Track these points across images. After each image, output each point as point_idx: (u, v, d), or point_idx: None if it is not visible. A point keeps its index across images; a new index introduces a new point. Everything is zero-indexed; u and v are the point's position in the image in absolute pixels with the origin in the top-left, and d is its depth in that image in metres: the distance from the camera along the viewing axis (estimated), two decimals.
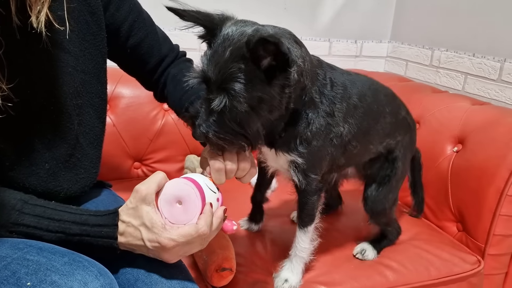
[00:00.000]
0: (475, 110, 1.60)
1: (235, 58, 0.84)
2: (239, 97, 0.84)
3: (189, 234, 0.80)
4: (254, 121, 0.90)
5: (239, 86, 0.84)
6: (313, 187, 1.12)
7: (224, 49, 0.85)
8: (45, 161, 0.90)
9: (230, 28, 0.89)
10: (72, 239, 0.81)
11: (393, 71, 2.37)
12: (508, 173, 1.35)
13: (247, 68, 0.84)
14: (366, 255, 1.34)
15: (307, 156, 1.06)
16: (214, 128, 0.88)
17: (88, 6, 0.96)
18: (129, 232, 0.81)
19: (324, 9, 2.18)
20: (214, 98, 0.85)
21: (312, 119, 1.04)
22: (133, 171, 1.76)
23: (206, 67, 0.87)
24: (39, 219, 0.80)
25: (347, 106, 1.11)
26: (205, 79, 0.88)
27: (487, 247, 1.41)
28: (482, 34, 1.84)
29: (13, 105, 0.79)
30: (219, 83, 0.85)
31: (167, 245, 0.79)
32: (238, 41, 0.85)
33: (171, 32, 1.93)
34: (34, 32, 0.79)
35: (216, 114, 0.87)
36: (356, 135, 1.16)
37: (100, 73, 1.02)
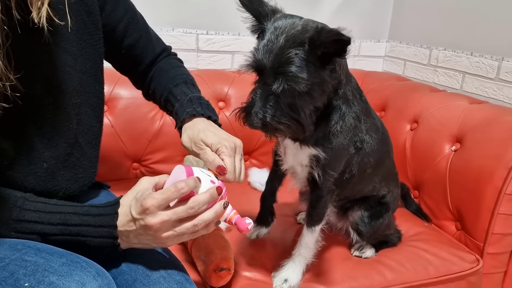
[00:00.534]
0: (473, 109, 1.60)
1: (291, 44, 0.89)
2: (297, 78, 0.89)
3: (168, 190, 0.77)
4: (307, 104, 0.95)
5: (295, 68, 0.89)
6: (328, 185, 1.14)
7: (277, 37, 0.91)
8: (44, 160, 0.90)
9: (281, 20, 0.94)
10: (72, 230, 0.81)
11: (391, 71, 2.37)
12: (506, 172, 1.35)
13: (303, 53, 0.89)
14: (363, 251, 1.35)
15: (330, 151, 1.08)
16: (271, 113, 0.92)
17: (85, 6, 0.96)
18: (122, 211, 0.81)
19: (322, 9, 2.18)
20: (272, 83, 0.90)
21: (345, 114, 1.08)
22: (131, 171, 1.76)
23: (260, 56, 0.91)
24: (40, 213, 0.81)
25: (370, 123, 1.19)
26: (259, 67, 0.93)
27: (486, 246, 1.41)
28: (480, 33, 1.84)
29: (13, 104, 0.79)
30: (275, 68, 0.90)
31: (149, 208, 0.77)
32: (292, 29, 0.91)
33: (168, 32, 1.95)
34: (35, 28, 0.79)
35: (271, 100, 0.92)
36: (373, 154, 1.21)
37: (97, 72, 1.02)
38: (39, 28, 0.80)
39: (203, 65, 2.02)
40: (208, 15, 1.96)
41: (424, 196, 1.65)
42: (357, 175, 1.20)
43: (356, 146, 1.15)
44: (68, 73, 0.92)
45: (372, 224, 1.31)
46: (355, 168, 1.19)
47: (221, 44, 2.03)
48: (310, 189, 1.18)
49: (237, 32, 2.02)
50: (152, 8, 1.87)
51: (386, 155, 1.32)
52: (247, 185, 1.77)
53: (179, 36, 1.95)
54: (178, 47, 1.95)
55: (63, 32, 0.89)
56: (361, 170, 1.21)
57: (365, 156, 1.19)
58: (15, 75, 0.77)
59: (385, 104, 1.94)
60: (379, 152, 1.24)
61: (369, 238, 1.33)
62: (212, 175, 0.88)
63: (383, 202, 1.35)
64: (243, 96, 1.04)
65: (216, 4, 1.95)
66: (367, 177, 1.26)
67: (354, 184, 1.24)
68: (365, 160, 1.20)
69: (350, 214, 1.33)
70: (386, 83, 2.05)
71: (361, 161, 1.19)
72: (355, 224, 1.32)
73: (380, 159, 1.26)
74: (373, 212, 1.32)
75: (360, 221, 1.31)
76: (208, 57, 2.03)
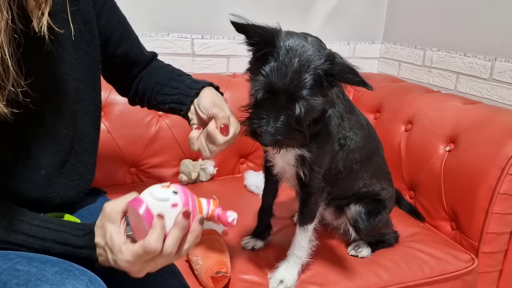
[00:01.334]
0: (467, 109, 1.61)
1: (306, 69, 0.94)
2: (309, 100, 0.94)
3: (137, 253, 0.73)
4: (309, 118, 1.01)
5: (309, 92, 0.94)
6: (316, 182, 1.16)
7: (290, 60, 0.94)
8: (41, 167, 0.91)
9: (290, 40, 0.96)
10: (57, 256, 0.80)
11: (386, 72, 2.38)
12: (499, 171, 1.36)
13: (316, 77, 0.95)
14: (359, 251, 1.36)
15: (315, 150, 1.11)
16: (282, 132, 0.97)
17: (81, 15, 0.97)
18: (99, 252, 0.80)
19: (316, 11, 2.19)
20: (288, 105, 0.95)
21: (331, 115, 1.12)
22: (128, 177, 1.77)
23: (275, 79, 0.94)
24: (23, 236, 0.80)
25: (354, 120, 1.22)
26: (272, 89, 0.95)
27: (481, 245, 1.42)
28: (473, 34, 1.85)
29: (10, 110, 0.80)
30: (290, 91, 0.94)
31: (125, 267, 0.75)
32: (304, 53, 0.95)
33: (164, 37, 1.96)
34: (36, 36, 0.81)
35: (282, 118, 0.96)
36: (358, 150, 1.23)
37: (94, 80, 1.03)
38: (39, 37, 0.81)
39: (198, 69, 2.03)
40: (203, 19, 1.97)
41: (419, 197, 1.66)
42: (343, 171, 1.22)
43: (340, 143, 1.18)
44: (65, 81, 0.93)
45: (370, 221, 1.32)
46: (340, 164, 1.21)
47: (216, 48, 2.04)
48: (300, 187, 1.19)
49: (231, 36, 2.03)
50: (147, 13, 1.88)
51: (373, 152, 1.33)
52: (243, 188, 1.77)
53: (174, 41, 1.96)
54: (173, 52, 1.96)
55: (61, 41, 0.91)
56: (348, 166, 1.23)
57: (350, 153, 1.22)
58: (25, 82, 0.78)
59: (380, 105, 1.95)
60: (365, 148, 1.26)
61: (366, 235, 1.34)
62: (170, 189, 0.79)
63: (378, 199, 1.36)
64: (239, 99, 1.06)
65: (210, 8, 1.97)
66: (355, 173, 1.28)
67: (343, 180, 1.26)
68: (350, 157, 1.22)
69: (347, 211, 1.34)
70: (381, 84, 2.06)
71: (346, 157, 1.21)
72: (353, 220, 1.33)
73: (367, 155, 1.28)
74: (371, 209, 1.33)
75: (358, 218, 1.32)
76: (204, 61, 2.04)
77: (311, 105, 0.95)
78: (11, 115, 0.76)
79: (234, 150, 1.88)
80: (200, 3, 1.94)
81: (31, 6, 0.77)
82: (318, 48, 0.98)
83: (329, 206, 1.35)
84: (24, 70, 0.79)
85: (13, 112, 0.76)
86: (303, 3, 2.15)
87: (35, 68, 0.84)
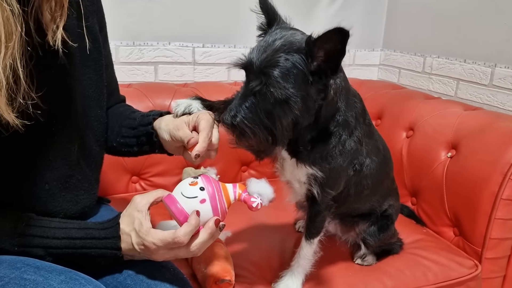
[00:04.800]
0: (468, 116, 1.62)
1: (286, 49, 0.88)
2: (278, 83, 0.87)
3: (166, 240, 0.81)
4: (284, 116, 0.92)
5: (280, 73, 0.87)
6: (326, 201, 1.15)
7: (274, 40, 0.90)
8: (45, 181, 0.91)
9: (284, 29, 0.95)
10: (77, 243, 0.84)
11: (386, 79, 2.39)
12: (501, 177, 1.37)
13: (295, 61, 0.87)
14: (366, 259, 1.36)
15: (328, 172, 1.08)
16: (244, 114, 0.90)
17: (90, 33, 0.98)
18: (123, 238, 0.85)
19: (316, 19, 2.20)
20: (253, 80, 0.89)
21: (345, 139, 1.07)
22: (131, 185, 1.77)
23: (251, 55, 0.91)
24: (44, 228, 0.84)
25: (372, 145, 1.19)
26: (247, 65, 0.91)
27: (484, 251, 1.42)
28: (472, 40, 1.86)
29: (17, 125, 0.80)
30: (261, 67, 0.88)
31: (150, 247, 0.82)
32: (291, 37, 0.91)
33: (165, 46, 1.97)
34: (49, 51, 0.82)
35: (249, 101, 0.90)
36: (372, 176, 1.21)
37: (100, 97, 1.04)
38: (50, 52, 0.82)
39: (199, 78, 2.04)
40: (204, 28, 1.98)
41: (422, 203, 1.67)
42: (354, 195, 1.21)
43: (355, 169, 1.15)
44: (72, 97, 0.94)
45: (380, 236, 1.32)
46: (352, 189, 1.19)
47: (217, 57, 2.04)
48: (309, 204, 1.18)
49: (232, 44, 2.04)
50: (149, 22, 1.89)
51: (385, 177, 1.32)
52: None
53: (176, 50, 1.97)
54: (174, 61, 1.97)
55: (69, 57, 0.91)
56: (358, 191, 1.22)
57: (363, 178, 1.19)
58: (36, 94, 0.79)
59: (380, 112, 1.96)
60: (378, 174, 1.24)
61: (375, 248, 1.35)
62: (197, 186, 0.87)
63: (386, 215, 1.36)
64: None
65: (211, 17, 1.98)
66: (364, 198, 1.27)
67: (351, 202, 1.25)
68: (363, 182, 1.20)
69: (356, 228, 1.35)
70: (381, 91, 2.07)
71: (359, 182, 1.19)
72: (363, 237, 1.33)
73: (379, 180, 1.27)
74: (380, 225, 1.33)
75: (368, 235, 1.32)
76: (205, 70, 2.04)
77: (273, 86, 0.86)
78: (22, 126, 0.77)
79: (236, 157, 1.88)
80: (201, 12, 1.96)
81: (46, 20, 0.79)
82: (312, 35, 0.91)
83: (333, 220, 1.35)
84: (35, 83, 0.80)
85: (22, 124, 0.77)
86: (303, 11, 2.16)
87: (44, 82, 0.85)
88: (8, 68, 0.69)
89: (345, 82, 1.04)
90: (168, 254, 0.84)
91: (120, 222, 0.86)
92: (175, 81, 1.98)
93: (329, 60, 0.88)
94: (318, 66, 0.89)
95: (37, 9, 0.78)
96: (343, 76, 1.03)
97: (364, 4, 2.29)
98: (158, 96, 1.78)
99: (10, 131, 0.77)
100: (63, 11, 0.81)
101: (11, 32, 0.68)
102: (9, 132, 0.78)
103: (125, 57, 1.88)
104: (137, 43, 1.89)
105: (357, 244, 1.37)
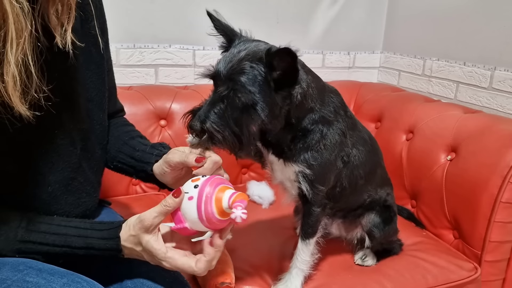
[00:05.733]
0: (467, 118, 1.63)
1: (250, 58, 0.93)
2: (245, 89, 0.91)
3: (184, 269, 0.83)
4: (251, 122, 0.95)
5: (246, 79, 0.92)
6: (319, 198, 1.16)
7: (239, 51, 0.95)
8: (47, 184, 0.91)
9: (248, 41, 1.00)
10: (77, 252, 0.84)
11: (386, 81, 2.40)
12: (501, 180, 1.37)
13: (259, 69, 0.92)
14: (366, 260, 1.36)
15: (316, 167, 1.10)
16: (213, 119, 0.92)
17: (92, 37, 0.99)
18: (130, 253, 0.85)
19: (316, 22, 2.21)
20: (221, 86, 0.93)
21: (327, 134, 1.10)
22: (131, 188, 1.77)
23: (218, 65, 0.95)
24: (45, 235, 0.84)
25: (357, 136, 1.21)
26: (215, 75, 0.95)
27: (484, 253, 1.42)
28: (472, 43, 1.87)
29: (21, 128, 0.81)
30: (228, 75, 0.93)
31: (166, 267, 0.83)
32: (255, 48, 0.96)
33: (166, 49, 1.97)
34: (56, 53, 0.83)
35: (218, 108, 0.93)
36: (363, 165, 1.23)
37: (102, 101, 1.05)
38: (57, 54, 0.83)
39: (200, 80, 2.04)
40: (204, 31, 1.98)
41: (421, 205, 1.67)
42: (349, 187, 1.23)
43: (344, 161, 1.17)
44: (76, 100, 0.94)
45: (385, 229, 1.33)
46: (345, 181, 1.21)
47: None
48: (302, 203, 1.20)
49: None
50: (150, 25, 1.90)
51: (377, 165, 1.34)
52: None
53: (176, 52, 1.97)
54: (175, 63, 1.98)
55: (72, 61, 0.91)
56: (352, 182, 1.23)
57: (354, 169, 1.22)
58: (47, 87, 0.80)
59: (380, 114, 1.97)
60: (369, 163, 1.26)
61: (379, 243, 1.35)
62: (196, 182, 0.85)
63: (387, 205, 1.37)
64: None
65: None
66: (360, 188, 1.28)
67: (347, 196, 1.26)
68: (355, 173, 1.22)
69: (362, 221, 1.35)
70: (381, 94, 2.07)
71: (351, 174, 1.21)
72: (369, 229, 1.34)
73: (371, 169, 1.29)
74: (385, 217, 1.34)
75: (373, 227, 1.33)
76: None
77: (241, 92, 0.91)
78: (25, 128, 0.78)
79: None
80: (202, 14, 1.95)
81: (53, 23, 0.79)
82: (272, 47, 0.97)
83: (335, 218, 1.35)
84: (45, 80, 0.81)
85: (26, 126, 0.78)
86: (304, 13, 2.17)
87: (49, 84, 0.85)
88: (20, 63, 0.71)
89: (316, 83, 1.07)
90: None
91: (123, 238, 0.84)
92: (175, 84, 1.99)
93: (286, 74, 0.93)
94: (279, 76, 0.93)
95: (43, 12, 0.79)
96: (311, 79, 1.06)
97: (364, 6, 2.30)
98: (159, 98, 1.79)
99: (17, 127, 0.78)
100: (71, 13, 0.81)
101: (21, 29, 0.69)
102: (20, 123, 0.78)
103: (126, 60, 1.89)
104: (137, 46, 1.90)
105: (361, 240, 1.38)
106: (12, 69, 0.69)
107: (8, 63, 0.69)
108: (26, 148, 0.87)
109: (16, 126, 0.77)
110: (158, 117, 1.78)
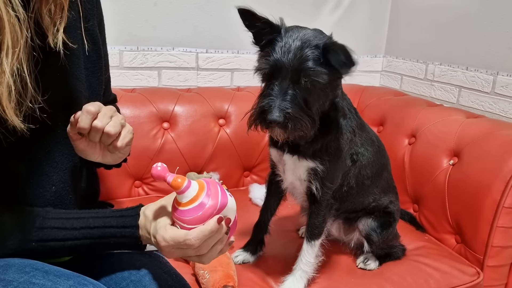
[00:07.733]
0: (470, 123, 1.63)
1: (308, 45, 1.00)
2: (319, 73, 0.99)
3: (177, 240, 0.78)
4: (318, 100, 1.03)
5: (314, 64, 0.99)
6: (326, 198, 1.17)
7: (293, 40, 1.01)
8: (52, 183, 0.91)
9: (292, 28, 1.06)
10: (95, 233, 0.84)
11: (388, 85, 2.40)
12: (503, 185, 1.37)
13: (317, 54, 0.99)
14: (368, 264, 1.36)
15: (328, 164, 1.13)
16: (291, 107, 0.98)
17: (90, 35, 0.99)
18: (143, 224, 0.85)
19: (319, 25, 2.21)
20: (294, 79, 0.99)
21: (343, 128, 1.15)
22: (134, 190, 1.78)
23: (279, 56, 1.00)
24: (62, 220, 0.84)
25: (365, 137, 1.25)
26: (277, 66, 1.00)
27: (486, 258, 1.42)
28: (475, 48, 1.87)
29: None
30: (296, 66, 0.99)
31: (159, 242, 0.79)
32: (305, 35, 1.02)
33: (169, 52, 1.98)
34: (51, 52, 0.83)
35: (289, 95, 0.99)
36: (370, 166, 1.25)
37: (98, 99, 1.04)
38: (54, 53, 0.83)
39: (203, 83, 2.05)
40: (208, 34, 2.00)
41: (424, 210, 1.67)
42: (355, 187, 1.24)
43: (353, 159, 1.20)
44: (77, 98, 0.94)
45: (383, 234, 1.34)
46: (353, 180, 1.22)
47: (221, 62, 2.06)
48: (309, 203, 1.21)
49: (236, 50, 2.05)
50: (152, 28, 1.90)
51: (383, 167, 1.35)
52: (248, 201, 1.78)
53: (179, 55, 1.98)
54: (178, 66, 1.98)
55: (73, 58, 0.92)
56: (359, 182, 1.24)
57: (362, 169, 1.23)
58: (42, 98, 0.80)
59: (383, 119, 1.97)
60: (376, 164, 1.28)
61: (378, 248, 1.36)
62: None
63: (388, 212, 1.37)
64: (243, 113, 1.07)
65: (215, 23, 1.99)
66: (366, 189, 1.29)
67: (354, 196, 1.27)
68: (362, 173, 1.24)
69: (360, 224, 1.36)
70: (384, 98, 2.08)
71: (359, 173, 1.23)
72: (367, 234, 1.35)
73: (378, 171, 1.30)
74: (383, 222, 1.35)
75: (371, 231, 1.34)
76: (208, 75, 2.05)
77: (316, 75, 0.98)
78: (27, 130, 0.77)
79: (239, 163, 1.89)
80: (205, 17, 1.97)
81: (46, 23, 0.79)
82: (319, 32, 1.07)
83: (337, 219, 1.36)
84: (40, 86, 0.81)
85: (28, 128, 0.77)
86: (306, 18, 2.17)
87: (50, 85, 0.86)
88: (15, 73, 0.71)
89: None
90: (178, 253, 0.81)
91: (147, 209, 0.86)
92: (178, 86, 1.99)
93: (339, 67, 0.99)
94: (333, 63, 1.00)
95: (36, 13, 0.78)
96: None
97: (367, 11, 2.30)
98: (162, 101, 1.80)
99: (15, 136, 0.78)
100: (63, 13, 0.81)
101: (18, 39, 0.69)
102: (14, 136, 0.78)
103: (129, 62, 1.89)
104: (141, 48, 1.90)
105: (360, 245, 1.38)
106: (7, 78, 0.69)
107: (3, 73, 0.69)
108: (30, 149, 0.87)
109: None
110: (161, 120, 1.79)
